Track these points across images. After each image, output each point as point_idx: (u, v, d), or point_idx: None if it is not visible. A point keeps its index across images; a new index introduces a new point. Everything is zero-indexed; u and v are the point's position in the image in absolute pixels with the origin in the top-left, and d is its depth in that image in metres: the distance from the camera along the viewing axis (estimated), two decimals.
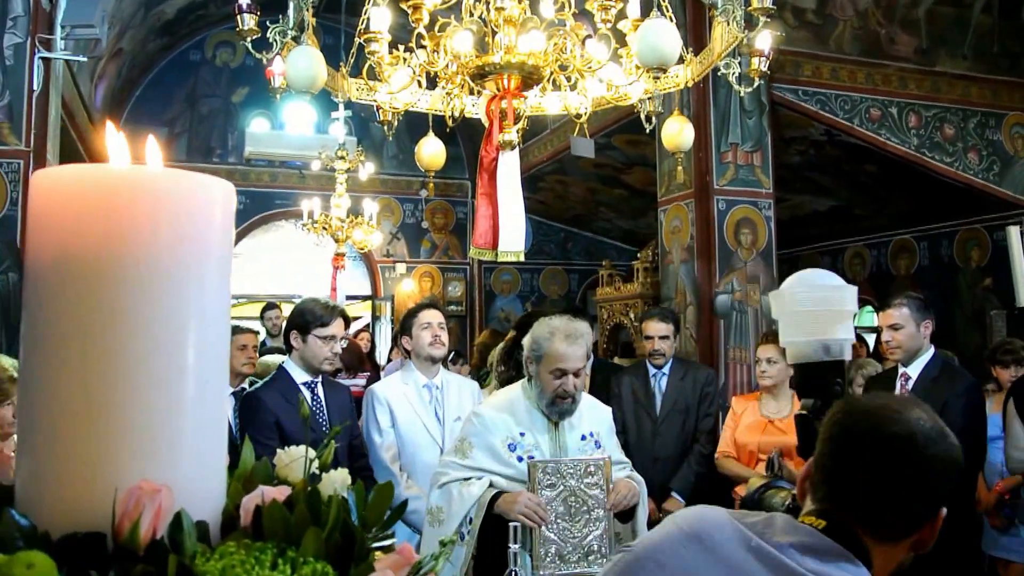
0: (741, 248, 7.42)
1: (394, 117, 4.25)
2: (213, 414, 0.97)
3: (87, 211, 0.88)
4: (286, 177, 13.38)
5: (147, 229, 0.89)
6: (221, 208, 0.98)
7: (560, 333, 3.39)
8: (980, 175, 8.50)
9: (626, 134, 9.29)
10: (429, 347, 4.47)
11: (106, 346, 0.87)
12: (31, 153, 6.38)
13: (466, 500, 3.30)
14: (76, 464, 0.87)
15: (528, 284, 14.63)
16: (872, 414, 1.53)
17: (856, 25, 8.05)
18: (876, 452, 1.48)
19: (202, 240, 0.95)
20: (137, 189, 0.90)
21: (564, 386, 3.37)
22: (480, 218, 4.05)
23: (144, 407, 0.89)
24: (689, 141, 4.44)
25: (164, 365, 0.90)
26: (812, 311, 3.70)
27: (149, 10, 10.58)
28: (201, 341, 0.94)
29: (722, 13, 3.73)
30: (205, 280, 0.95)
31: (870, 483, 1.47)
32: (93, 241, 0.88)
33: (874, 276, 11.14)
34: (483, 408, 3.59)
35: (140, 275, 0.89)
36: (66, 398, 0.87)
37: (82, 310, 0.88)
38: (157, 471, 0.88)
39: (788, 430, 4.54)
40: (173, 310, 0.91)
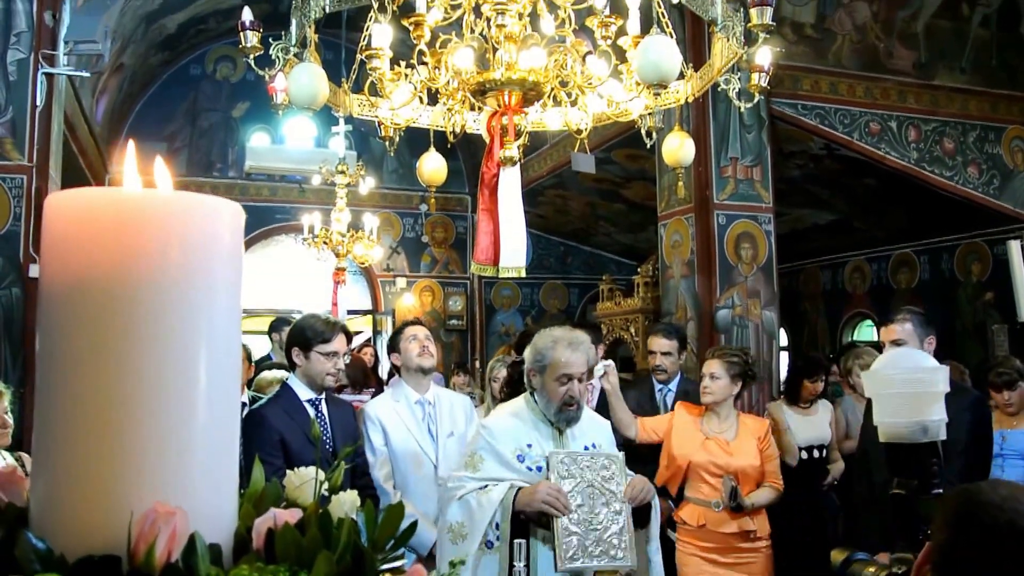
0: (741, 263, 7.42)
1: (395, 133, 4.26)
2: (225, 436, 0.97)
3: (100, 235, 0.89)
4: (286, 191, 13.40)
5: (159, 252, 0.90)
6: (230, 230, 0.99)
7: (562, 341, 3.45)
8: (980, 189, 8.52)
9: (626, 148, 9.31)
10: (417, 357, 4.46)
11: (120, 369, 0.88)
12: (34, 168, 6.39)
13: (488, 507, 3.29)
14: (90, 486, 0.88)
15: (528, 298, 14.63)
16: (1004, 507, 1.50)
17: (855, 39, 8.08)
18: (1012, 543, 1.46)
19: (212, 262, 0.96)
20: (149, 213, 0.91)
21: (571, 392, 3.41)
22: (481, 234, 4.04)
23: (157, 429, 0.89)
24: (690, 156, 4.44)
25: (176, 387, 0.91)
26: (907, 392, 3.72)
27: (150, 25, 10.61)
28: (212, 363, 0.94)
29: (722, 29, 3.73)
30: (215, 302, 0.96)
31: (1001, 573, 1.46)
32: (106, 264, 0.88)
33: (874, 290, 11.15)
34: (490, 421, 3.61)
35: (152, 298, 0.90)
36: (80, 421, 0.88)
37: (95, 333, 0.88)
38: (170, 493, 0.88)
39: (736, 452, 4.53)
40: (185, 332, 0.92)
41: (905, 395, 3.33)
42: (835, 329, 11.66)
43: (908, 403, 3.33)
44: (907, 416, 3.30)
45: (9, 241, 6.29)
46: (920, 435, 3.28)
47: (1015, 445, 5.22)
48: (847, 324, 11.64)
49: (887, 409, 3.29)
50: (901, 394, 3.37)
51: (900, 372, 3.42)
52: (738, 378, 4.61)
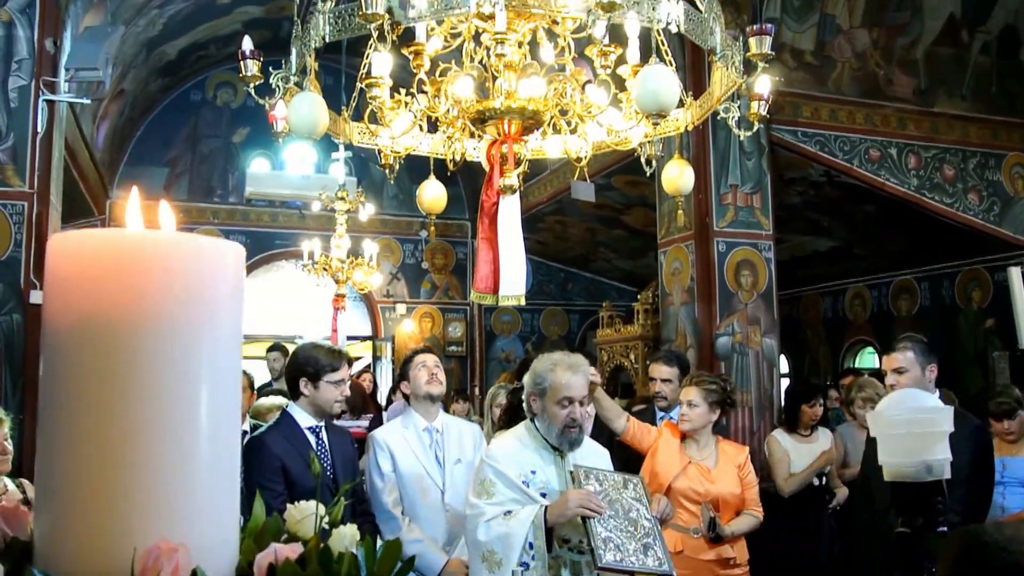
0: (742, 290, 7.42)
1: (395, 161, 4.26)
2: (226, 472, 0.99)
3: (103, 275, 0.91)
4: (286, 217, 13.42)
5: (161, 293, 0.92)
6: (232, 271, 1.00)
7: (562, 364, 3.49)
8: (980, 216, 8.53)
9: (625, 175, 9.33)
10: (426, 385, 4.48)
11: (123, 407, 0.90)
12: (35, 195, 6.41)
13: (519, 529, 3.31)
14: (94, 522, 0.89)
15: (528, 324, 14.63)
16: (1009, 549, 1.51)
17: (855, 66, 8.11)
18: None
19: (214, 302, 0.97)
20: (152, 254, 0.93)
21: (572, 414, 3.45)
22: (481, 263, 4.04)
23: (159, 466, 0.91)
24: (689, 185, 4.43)
25: (179, 426, 0.93)
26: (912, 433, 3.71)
27: (151, 51, 10.66)
28: (214, 401, 0.96)
29: (721, 58, 3.73)
30: (217, 341, 0.97)
31: None
32: (109, 304, 0.90)
33: (875, 317, 11.14)
34: (493, 449, 3.63)
35: (155, 338, 0.91)
36: (84, 457, 0.90)
37: (99, 371, 0.90)
38: (173, 529, 0.90)
39: (718, 479, 4.51)
40: (187, 372, 0.94)
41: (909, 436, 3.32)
42: (836, 356, 11.65)
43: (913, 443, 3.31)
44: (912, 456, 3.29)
45: (10, 267, 6.29)
46: (925, 474, 3.27)
47: (1016, 473, 5.21)
48: (848, 351, 11.63)
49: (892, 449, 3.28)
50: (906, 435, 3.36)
51: (904, 413, 3.41)
52: (716, 405, 4.60)
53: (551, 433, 3.49)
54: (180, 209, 12.75)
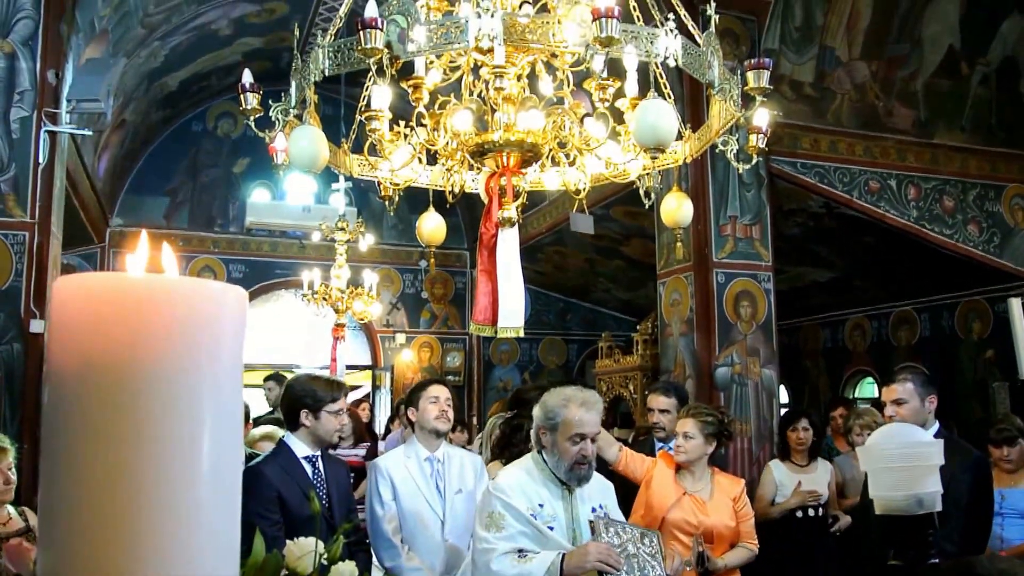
0: (741, 321, 7.41)
1: (395, 192, 4.27)
2: (227, 510, 1.00)
3: (107, 319, 0.92)
4: (286, 247, 13.46)
5: (164, 336, 0.94)
6: (234, 313, 1.02)
7: (575, 400, 3.50)
8: (980, 247, 8.54)
9: (624, 206, 9.36)
10: (435, 420, 4.50)
11: (125, 448, 0.91)
12: (36, 225, 6.42)
13: (534, 573, 3.30)
14: (97, 559, 0.90)
15: (527, 354, 14.64)
16: None
17: (854, 98, 8.15)
18: None
19: (215, 345, 0.99)
20: (155, 298, 0.95)
21: (583, 451, 3.45)
22: (480, 295, 4.04)
23: (162, 505, 0.92)
24: (688, 217, 4.42)
25: (181, 466, 0.94)
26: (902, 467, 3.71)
27: (152, 82, 10.72)
28: (215, 442, 0.97)
29: (719, 92, 3.74)
30: (219, 383, 0.98)
31: None
32: (113, 348, 0.92)
33: (875, 347, 11.13)
34: (502, 481, 3.60)
35: (158, 380, 0.93)
36: (86, 499, 0.91)
37: (102, 413, 0.91)
38: (175, 566, 0.92)
39: (712, 512, 4.48)
40: (189, 414, 0.95)
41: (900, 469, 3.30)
42: (836, 386, 11.63)
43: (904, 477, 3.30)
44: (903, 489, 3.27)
45: (10, 297, 6.30)
46: (916, 507, 3.25)
47: (1015, 504, 5.19)
48: (848, 381, 11.61)
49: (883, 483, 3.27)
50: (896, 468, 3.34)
51: (895, 447, 3.39)
52: (712, 438, 4.58)
53: (560, 468, 3.50)
54: (180, 238, 12.80)
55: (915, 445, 3.74)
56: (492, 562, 3.37)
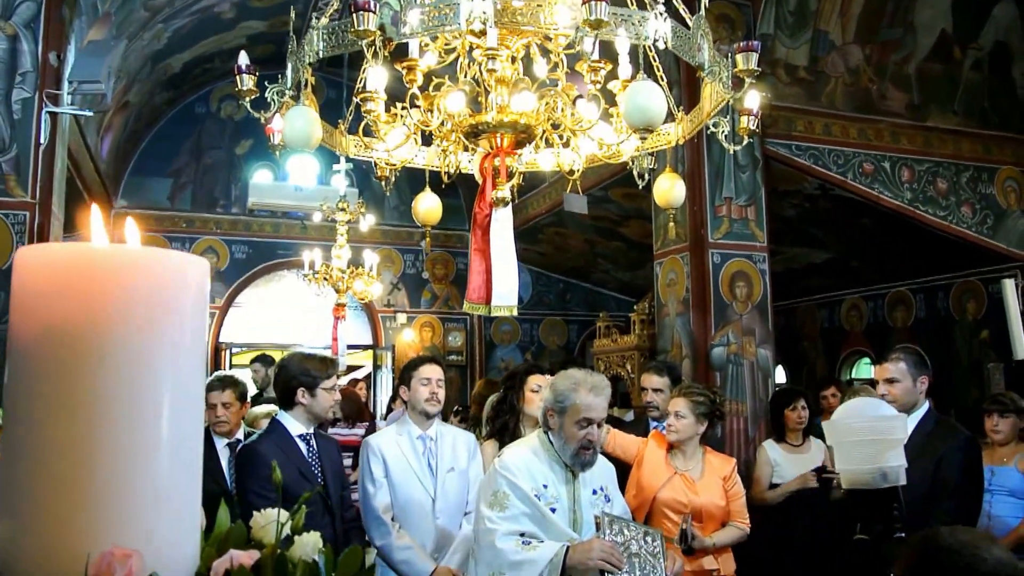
0: (736, 301, 7.46)
1: (391, 173, 4.32)
2: (187, 482, 1.01)
3: (68, 288, 0.92)
4: (288, 228, 13.49)
5: (125, 305, 0.93)
6: (195, 284, 1.02)
7: (585, 385, 3.51)
8: (974, 228, 8.59)
9: (623, 187, 9.38)
10: (425, 403, 4.52)
11: (84, 417, 0.91)
12: (36, 205, 6.44)
13: (536, 563, 3.31)
14: (53, 529, 0.91)
15: (528, 334, 14.66)
16: (963, 553, 1.58)
17: (848, 82, 8.18)
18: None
19: (177, 315, 0.99)
20: (115, 268, 0.95)
21: (589, 436, 3.47)
22: (474, 273, 4.10)
23: (120, 476, 0.93)
24: (680, 197, 4.47)
25: (139, 436, 0.94)
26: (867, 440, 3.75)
27: (155, 64, 10.73)
28: (175, 413, 0.98)
29: (709, 74, 3.78)
30: (180, 354, 0.99)
31: None
32: (73, 317, 0.92)
33: (871, 328, 11.16)
34: (508, 460, 3.63)
35: (117, 349, 0.93)
36: (45, 466, 0.91)
37: (62, 382, 0.92)
38: (132, 537, 0.91)
39: (702, 491, 4.54)
40: (149, 383, 0.95)
41: (865, 443, 3.36)
42: (833, 367, 11.67)
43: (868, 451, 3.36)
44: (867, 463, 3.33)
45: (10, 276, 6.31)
46: (881, 481, 3.31)
47: (1003, 482, 5.25)
48: (845, 361, 11.65)
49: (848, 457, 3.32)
50: (861, 442, 3.40)
51: (860, 421, 3.44)
52: (704, 417, 4.63)
53: (566, 452, 3.52)
54: (184, 219, 12.84)
55: (879, 419, 3.79)
56: (496, 541, 3.39)
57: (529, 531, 3.42)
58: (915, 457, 4.38)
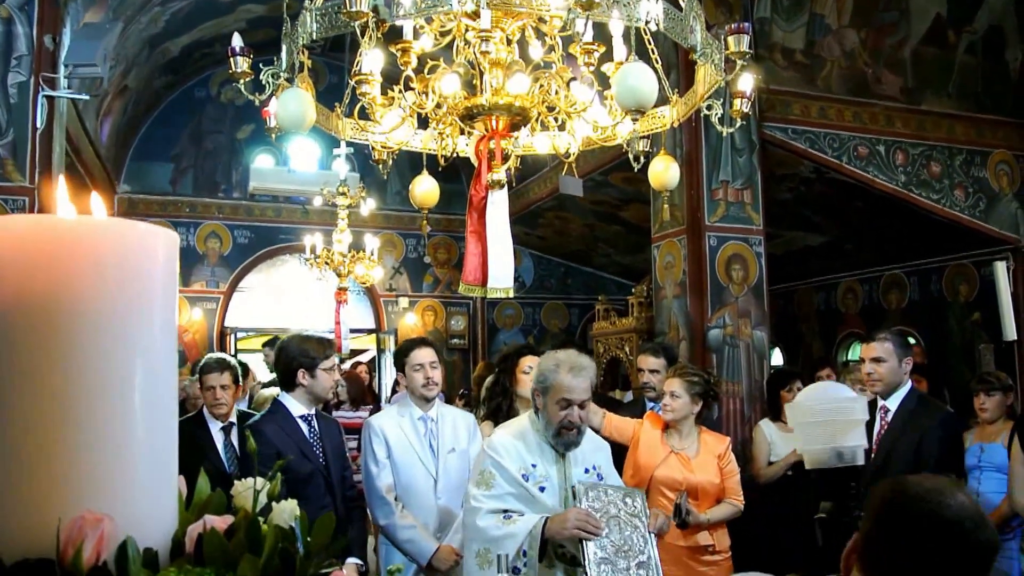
0: (732, 283, 7.50)
1: (388, 156, 4.34)
2: (162, 448, 1.04)
3: (37, 259, 0.94)
4: (290, 212, 13.52)
5: (94, 276, 0.96)
6: (164, 255, 1.04)
7: (565, 365, 3.51)
8: (967, 211, 8.63)
9: (622, 171, 9.40)
10: (422, 388, 4.56)
11: (55, 386, 0.94)
12: (35, 190, 6.45)
13: (518, 535, 3.35)
14: (27, 495, 0.93)
15: (530, 318, 14.71)
16: (928, 499, 1.62)
17: (843, 65, 8.20)
18: (932, 535, 1.58)
19: (147, 285, 1.01)
20: (84, 238, 0.97)
21: (570, 417, 3.47)
22: (469, 255, 4.13)
23: (91, 444, 0.95)
24: (675, 180, 4.48)
25: (111, 404, 0.97)
26: (825, 421, 3.79)
27: (154, 48, 10.73)
28: (148, 380, 1.00)
29: (701, 56, 3.80)
30: (151, 322, 1.01)
31: (922, 562, 1.58)
32: (42, 287, 0.93)
33: (866, 310, 11.19)
34: (497, 439, 3.67)
35: (87, 319, 0.95)
36: (17, 434, 0.93)
37: (32, 352, 0.94)
38: (106, 503, 0.94)
39: (697, 469, 4.59)
40: (119, 352, 0.97)
41: (823, 423, 3.40)
42: (829, 349, 11.70)
43: (825, 431, 3.40)
44: (823, 443, 3.37)
45: None
46: (836, 460, 3.34)
47: (992, 458, 5.31)
48: (841, 344, 11.68)
49: (807, 437, 3.36)
50: (819, 422, 3.44)
51: (820, 403, 3.48)
52: (699, 397, 4.68)
53: (548, 431, 3.53)
54: (186, 204, 12.88)
55: (838, 400, 3.83)
56: (478, 519, 3.43)
57: (515, 509, 3.45)
58: (898, 434, 4.46)
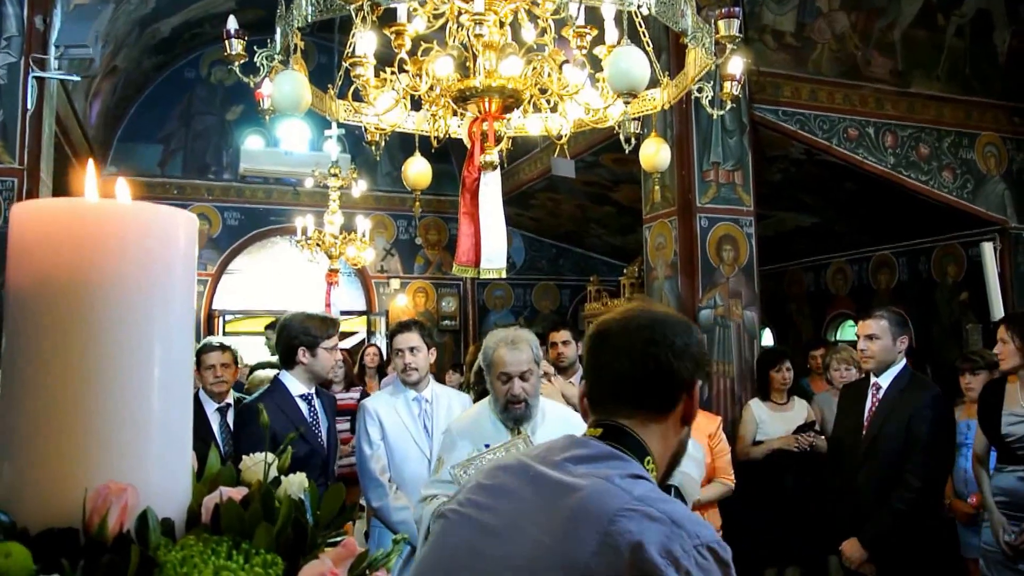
0: (723, 264, 7.54)
1: (381, 138, 4.36)
2: (179, 423, 1.08)
3: (63, 241, 0.98)
4: (280, 194, 13.49)
5: (117, 256, 0.99)
6: (184, 236, 1.08)
7: (503, 341, 3.57)
8: (955, 193, 8.70)
9: (613, 152, 9.42)
10: (402, 373, 4.59)
11: (79, 362, 0.97)
12: (24, 172, 6.43)
13: (424, 519, 3.37)
14: (51, 467, 0.97)
15: (521, 299, 14.74)
16: (615, 319, 1.69)
17: (834, 48, 8.23)
18: (621, 341, 1.63)
19: (167, 265, 1.05)
20: (107, 221, 1.00)
21: (512, 390, 3.50)
22: (462, 236, 4.16)
23: (113, 417, 0.99)
24: (666, 161, 4.53)
25: (132, 379, 1.00)
26: None
27: (144, 29, 10.69)
28: (167, 357, 1.04)
29: (692, 40, 3.83)
30: (170, 302, 1.05)
31: (616, 370, 1.63)
32: (68, 268, 0.97)
33: (855, 291, 11.26)
34: (453, 424, 3.74)
35: (110, 298, 0.99)
36: (43, 409, 0.97)
37: (58, 330, 0.97)
38: (125, 474, 0.97)
39: None
40: (140, 329, 1.01)
41: None
42: (819, 329, 11.77)
43: None
44: None
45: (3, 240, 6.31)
46: None
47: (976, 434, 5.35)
48: (830, 324, 11.75)
49: None
50: None
51: None
52: None
53: (497, 407, 3.56)
54: (175, 186, 12.83)
55: None
56: (421, 504, 3.50)
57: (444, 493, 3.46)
58: (888, 412, 4.52)
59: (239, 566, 0.99)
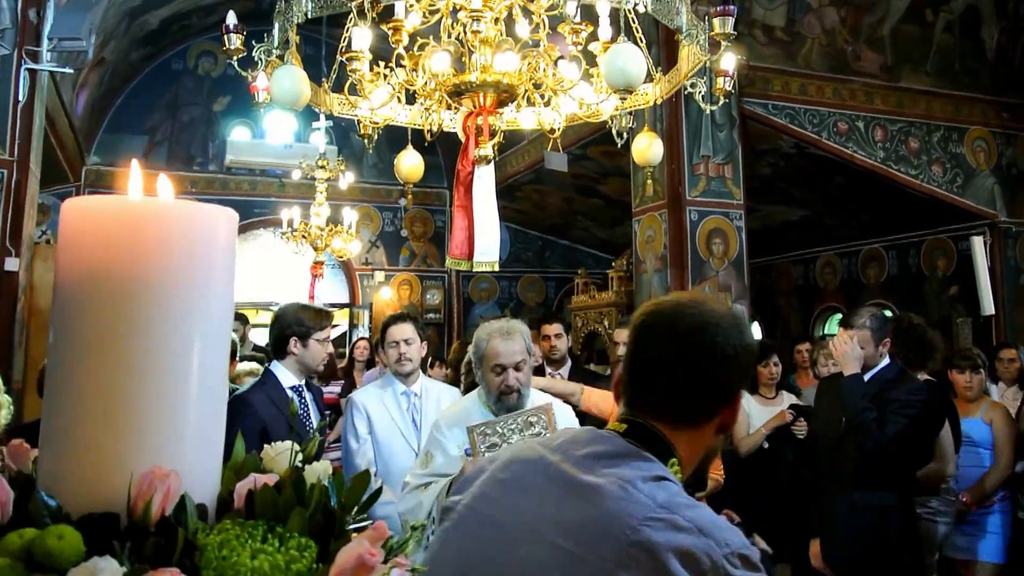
0: (713, 257, 7.58)
1: (374, 131, 4.37)
2: (214, 411, 1.10)
3: (110, 237, 1.01)
4: (266, 186, 13.46)
5: (161, 252, 1.02)
6: (225, 233, 1.10)
7: (496, 332, 3.54)
8: (944, 187, 8.77)
9: (601, 145, 9.44)
10: (395, 363, 4.57)
11: (124, 352, 1.00)
12: (15, 162, 6.42)
13: (427, 502, 3.41)
14: (95, 454, 0.99)
15: (506, 292, 14.74)
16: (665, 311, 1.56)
17: (824, 43, 8.28)
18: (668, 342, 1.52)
19: (208, 261, 1.07)
20: (153, 218, 1.03)
21: (506, 381, 3.49)
22: (456, 230, 4.16)
23: (155, 405, 1.01)
24: (658, 156, 4.54)
25: (174, 369, 1.03)
26: None
27: (133, 20, 10.64)
28: (206, 348, 1.06)
29: (687, 36, 3.86)
30: (211, 296, 1.07)
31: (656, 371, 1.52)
32: (115, 262, 1.00)
33: (845, 284, 11.32)
34: (441, 418, 3.72)
35: (155, 292, 1.01)
36: (88, 397, 0.99)
37: (104, 322, 1.00)
38: (165, 460, 0.99)
39: None
40: (183, 322, 1.03)
41: None
42: (807, 323, 11.83)
43: None
44: None
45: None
46: None
47: (967, 431, 5.38)
48: (819, 318, 11.81)
49: None
50: None
51: None
52: None
53: (490, 399, 3.54)
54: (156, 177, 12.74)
55: None
56: (405, 497, 3.52)
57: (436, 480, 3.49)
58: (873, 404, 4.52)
59: (275, 549, 1.01)
